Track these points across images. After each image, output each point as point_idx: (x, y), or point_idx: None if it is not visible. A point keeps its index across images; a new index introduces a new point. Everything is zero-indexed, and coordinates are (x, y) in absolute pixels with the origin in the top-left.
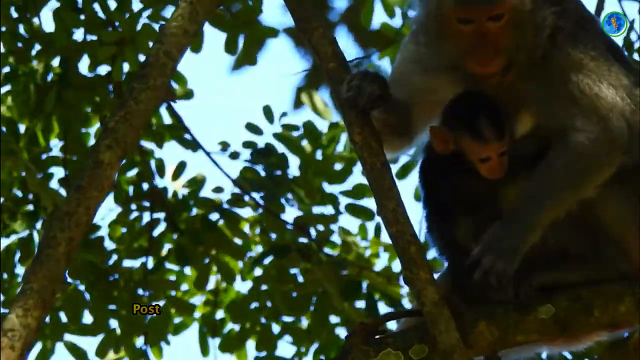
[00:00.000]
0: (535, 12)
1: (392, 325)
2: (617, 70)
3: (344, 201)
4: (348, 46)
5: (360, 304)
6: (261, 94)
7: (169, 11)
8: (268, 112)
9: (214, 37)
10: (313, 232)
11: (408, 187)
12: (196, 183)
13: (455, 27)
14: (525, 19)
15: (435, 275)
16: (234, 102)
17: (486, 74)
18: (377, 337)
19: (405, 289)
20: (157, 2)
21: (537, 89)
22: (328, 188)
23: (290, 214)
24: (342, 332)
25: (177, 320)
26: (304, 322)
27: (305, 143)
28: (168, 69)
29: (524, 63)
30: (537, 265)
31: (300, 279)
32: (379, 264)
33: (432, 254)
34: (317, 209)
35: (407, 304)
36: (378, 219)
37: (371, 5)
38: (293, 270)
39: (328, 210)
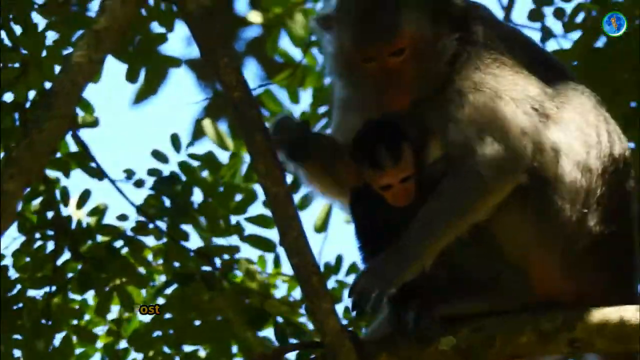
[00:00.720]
0: (435, 42)
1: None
2: (527, 83)
3: (247, 230)
4: (254, 76)
5: (267, 332)
6: (169, 122)
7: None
8: (175, 141)
9: (120, 63)
10: (217, 260)
11: (309, 218)
12: (99, 212)
13: (360, 67)
14: (426, 51)
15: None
16: (141, 130)
17: (396, 109)
18: None
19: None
20: (65, 28)
21: (440, 116)
22: (233, 218)
23: (195, 242)
24: None
25: (79, 350)
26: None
27: (206, 174)
28: (73, 98)
29: (430, 92)
30: (440, 296)
31: (205, 307)
32: (277, 295)
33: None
34: (220, 239)
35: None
36: (278, 250)
37: (276, 35)
38: (196, 299)
39: (232, 240)
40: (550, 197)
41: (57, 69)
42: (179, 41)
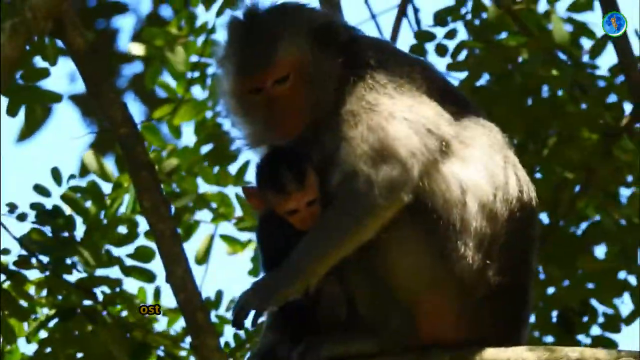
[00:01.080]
0: (321, 66)
1: None
2: (424, 106)
3: (129, 262)
4: (136, 112)
5: None
6: (50, 155)
7: None
8: (56, 174)
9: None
10: (99, 293)
11: (190, 250)
12: None
13: (249, 101)
14: (312, 76)
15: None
16: (23, 164)
17: (290, 136)
18: None
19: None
20: None
21: (334, 137)
22: (115, 251)
23: (77, 276)
24: None
25: None
26: None
27: (89, 204)
28: None
29: (324, 115)
30: (326, 334)
31: (87, 341)
32: (159, 328)
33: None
34: (102, 271)
35: None
36: (158, 282)
37: (157, 67)
38: (78, 332)
39: (114, 272)
40: (452, 242)
41: None
42: (61, 77)
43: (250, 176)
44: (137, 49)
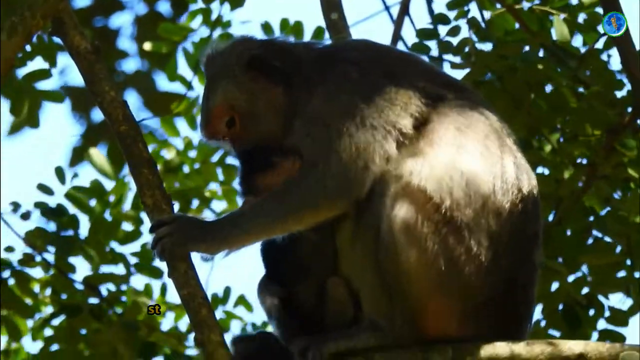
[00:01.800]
0: (259, 97)
1: None
2: (394, 107)
3: (133, 260)
4: (136, 109)
5: None
6: (52, 154)
7: None
8: (59, 173)
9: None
10: (104, 291)
11: None
12: None
13: (222, 144)
14: (253, 110)
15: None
16: (24, 162)
17: None
18: None
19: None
20: None
21: (305, 134)
22: (118, 248)
23: (82, 274)
24: None
25: None
26: None
27: (94, 203)
28: None
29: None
30: (330, 331)
31: (94, 339)
32: (166, 324)
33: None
34: (107, 269)
35: None
36: (165, 278)
37: (174, 62)
38: (84, 330)
39: (119, 269)
40: (465, 241)
41: None
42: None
43: None
44: (153, 46)
